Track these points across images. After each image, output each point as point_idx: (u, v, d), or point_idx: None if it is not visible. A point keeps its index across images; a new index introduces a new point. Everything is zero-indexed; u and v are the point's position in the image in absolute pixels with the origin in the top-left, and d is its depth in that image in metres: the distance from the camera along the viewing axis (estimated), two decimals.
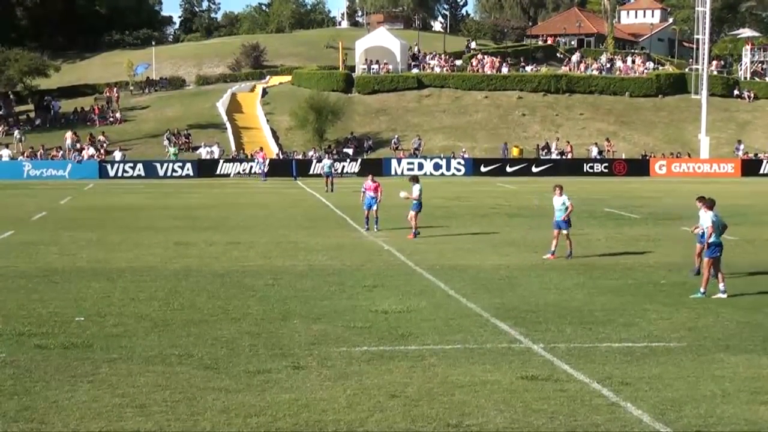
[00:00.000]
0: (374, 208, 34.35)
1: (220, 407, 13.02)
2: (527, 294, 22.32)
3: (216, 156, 79.04)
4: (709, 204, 22.85)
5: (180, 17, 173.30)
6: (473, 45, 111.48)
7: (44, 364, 15.44)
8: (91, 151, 78.83)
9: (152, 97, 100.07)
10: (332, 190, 54.67)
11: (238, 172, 75.05)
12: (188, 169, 75.18)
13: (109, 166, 75.22)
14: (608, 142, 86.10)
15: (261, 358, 15.75)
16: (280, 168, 74.19)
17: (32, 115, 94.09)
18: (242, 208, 45.76)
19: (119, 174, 74.38)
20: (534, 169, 77.76)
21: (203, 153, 79.57)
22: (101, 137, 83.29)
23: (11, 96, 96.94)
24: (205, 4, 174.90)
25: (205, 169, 75.57)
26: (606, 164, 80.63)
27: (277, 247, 30.96)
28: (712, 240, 22.13)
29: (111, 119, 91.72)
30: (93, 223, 39.02)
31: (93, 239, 33.03)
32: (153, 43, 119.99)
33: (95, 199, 52.70)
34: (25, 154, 77.85)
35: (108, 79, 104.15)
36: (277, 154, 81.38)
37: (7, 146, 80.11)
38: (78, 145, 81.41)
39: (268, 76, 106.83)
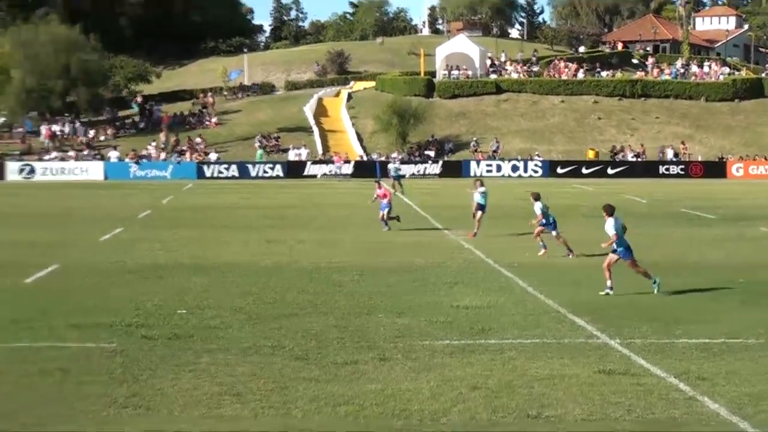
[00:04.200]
0: (386, 210, 35.19)
1: (310, 396, 13.13)
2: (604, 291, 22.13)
3: (303, 158, 79.60)
4: (609, 210, 21.81)
5: (270, 26, 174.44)
6: (542, 53, 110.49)
7: (150, 353, 15.72)
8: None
9: (244, 101, 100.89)
10: (402, 192, 54.66)
11: (325, 174, 75.48)
12: (278, 171, 75.91)
13: (206, 167, 76.34)
14: (683, 145, 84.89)
15: (348, 350, 15.86)
16: (364, 169, 74.36)
17: (137, 119, 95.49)
18: (328, 208, 46.05)
19: (215, 175, 75.41)
20: (609, 171, 77.04)
21: (292, 155, 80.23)
22: (198, 140, 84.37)
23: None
24: (293, 14, 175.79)
25: (294, 170, 76.18)
26: (682, 166, 79.53)
27: (362, 245, 31.09)
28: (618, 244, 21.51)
29: (207, 123, 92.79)
30: (192, 221, 39.61)
31: (193, 237, 33.50)
32: (245, 50, 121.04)
33: (194, 199, 53.44)
34: (129, 156, 79.04)
35: (204, 84, 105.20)
36: (362, 156, 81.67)
37: (115, 148, 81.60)
38: (178, 148, 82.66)
39: (352, 82, 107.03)
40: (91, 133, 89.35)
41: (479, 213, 33.03)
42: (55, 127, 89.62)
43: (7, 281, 23.19)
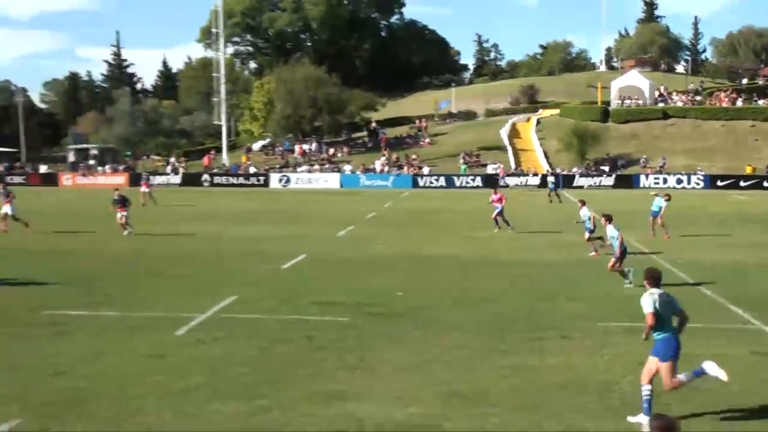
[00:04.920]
0: (497, 212, 34.46)
1: (501, 365, 13.07)
2: (759, 285, 21.04)
3: (499, 171, 79.16)
4: (608, 218, 22.06)
5: (473, 65, 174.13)
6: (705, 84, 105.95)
7: (375, 327, 15.96)
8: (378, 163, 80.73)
9: (451, 126, 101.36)
10: (560, 201, 53.21)
11: (516, 184, 74.80)
12: (478, 181, 75.69)
13: (419, 179, 76.97)
14: None
15: (534, 329, 15.66)
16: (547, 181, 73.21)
17: (366, 140, 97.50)
18: (518, 213, 45.56)
19: (427, 185, 75.86)
20: (765, 184, 72.86)
21: (490, 169, 79.93)
22: (414, 156, 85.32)
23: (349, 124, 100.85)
24: (492, 54, 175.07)
25: (491, 181, 75.82)
26: None
27: (547, 243, 30.66)
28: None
29: (421, 143, 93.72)
30: (407, 222, 39.95)
31: (407, 234, 33.81)
32: (453, 84, 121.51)
33: (409, 204, 53.94)
34: (359, 169, 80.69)
35: (419, 112, 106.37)
36: (547, 171, 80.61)
37: (348, 163, 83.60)
38: (397, 163, 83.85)
39: (540, 110, 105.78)
40: (331, 150, 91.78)
41: (654, 219, 32.26)
42: (305, 146, 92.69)
43: (269, 267, 24.01)
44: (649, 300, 10.59)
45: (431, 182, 76.46)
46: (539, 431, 10.31)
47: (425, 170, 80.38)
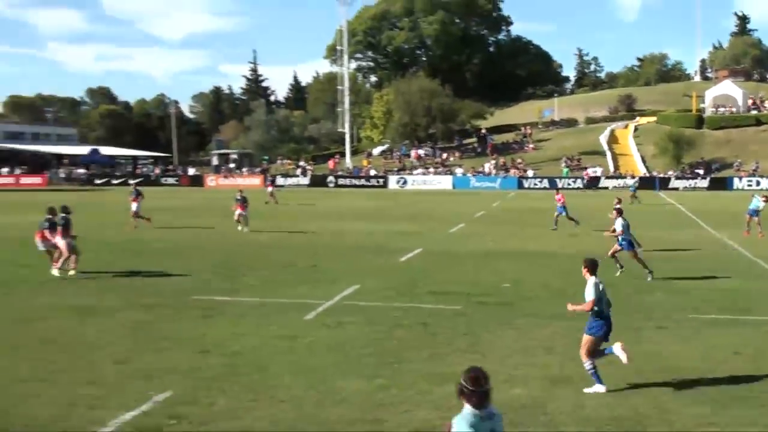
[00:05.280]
0: (563, 213, 33.44)
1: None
2: None
3: (599, 174, 77.49)
4: (619, 212, 21.70)
5: (575, 76, 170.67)
6: None
7: (484, 315, 15.83)
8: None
9: (554, 132, 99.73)
10: (639, 202, 51.21)
11: (615, 186, 72.98)
12: (578, 183, 74.25)
13: (524, 181, 76.05)
14: None
15: (632, 319, 15.19)
16: (644, 182, 71.10)
17: (475, 145, 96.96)
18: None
19: (531, 186, 74.87)
20: None
21: (590, 172, 78.26)
22: (519, 160, 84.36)
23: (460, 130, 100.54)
24: (592, 67, 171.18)
25: (591, 183, 74.35)
26: None
27: (646, 241, 29.74)
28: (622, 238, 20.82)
29: (526, 148, 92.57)
30: (513, 220, 39.53)
31: (513, 231, 33.42)
32: (555, 95, 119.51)
33: (515, 204, 53.35)
34: (470, 172, 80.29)
35: (524, 120, 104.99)
36: (644, 174, 78.37)
37: (460, 166, 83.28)
38: (504, 166, 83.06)
39: (637, 117, 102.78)
40: (444, 155, 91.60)
41: (751, 217, 30.85)
42: (420, 151, 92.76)
43: (387, 260, 24.12)
44: (593, 288, 10.79)
45: (535, 184, 75.39)
46: (635, 413, 9.99)
47: (530, 173, 79.34)
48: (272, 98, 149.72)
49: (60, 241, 20.62)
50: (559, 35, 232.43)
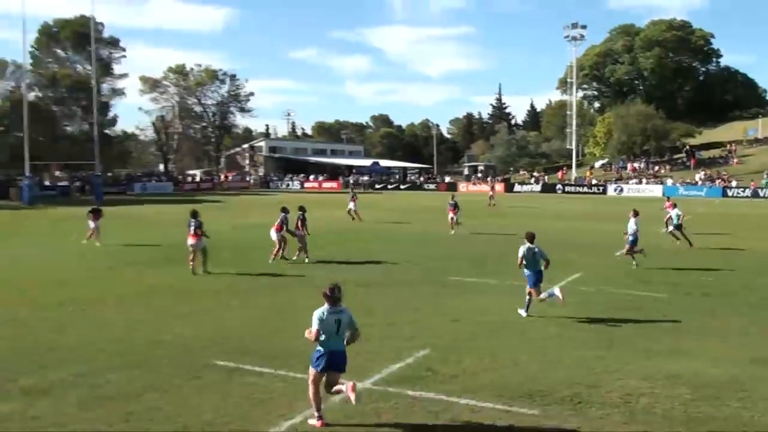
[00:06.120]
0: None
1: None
2: None
3: None
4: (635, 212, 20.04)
5: None
6: None
7: (687, 303, 14.74)
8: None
9: (757, 149, 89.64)
10: None
11: None
12: None
13: (728, 190, 68.97)
14: None
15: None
16: None
17: (684, 160, 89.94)
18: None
19: (734, 195, 67.59)
20: None
21: None
22: (724, 172, 76.93)
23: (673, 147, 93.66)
24: None
25: None
26: None
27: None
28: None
29: (730, 162, 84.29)
30: (717, 223, 35.79)
31: (716, 232, 30.35)
32: (760, 116, 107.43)
33: (719, 210, 48.48)
34: (678, 182, 74.48)
35: (729, 138, 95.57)
36: None
37: (670, 177, 77.53)
38: (709, 177, 76.20)
39: None
40: (656, 168, 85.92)
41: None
42: (636, 164, 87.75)
43: (604, 253, 22.93)
44: (522, 250, 13.20)
45: (738, 193, 68.23)
46: None
47: (733, 183, 71.99)
48: (513, 121, 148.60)
49: (298, 233, 20.55)
50: (762, 63, 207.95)
